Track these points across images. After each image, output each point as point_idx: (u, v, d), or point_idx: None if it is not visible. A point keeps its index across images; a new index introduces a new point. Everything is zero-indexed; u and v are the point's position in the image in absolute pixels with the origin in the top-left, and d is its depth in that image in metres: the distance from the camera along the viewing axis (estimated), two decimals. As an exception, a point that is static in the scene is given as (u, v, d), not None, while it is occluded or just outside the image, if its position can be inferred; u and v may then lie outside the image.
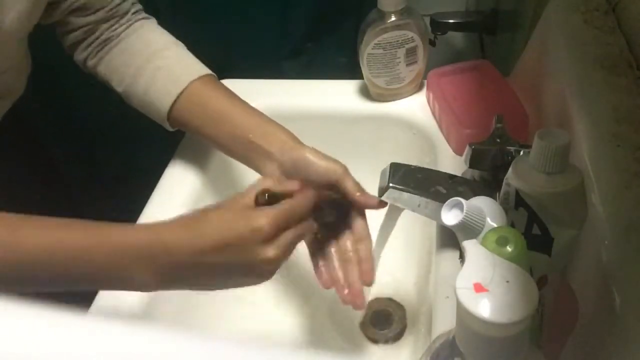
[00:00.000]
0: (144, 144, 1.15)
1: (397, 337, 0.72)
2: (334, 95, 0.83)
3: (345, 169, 0.58)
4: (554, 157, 0.41)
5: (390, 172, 0.57)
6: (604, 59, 0.55)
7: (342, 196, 0.59)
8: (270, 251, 0.49)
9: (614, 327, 0.39)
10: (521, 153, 0.56)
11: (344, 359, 0.53)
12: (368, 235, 0.60)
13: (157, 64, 0.66)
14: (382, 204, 0.59)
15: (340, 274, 0.59)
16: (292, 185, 0.54)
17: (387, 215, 0.60)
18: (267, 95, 0.69)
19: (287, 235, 0.51)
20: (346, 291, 0.57)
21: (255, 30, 1.10)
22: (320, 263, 0.60)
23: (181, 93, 0.65)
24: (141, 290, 0.51)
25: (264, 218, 0.49)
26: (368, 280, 0.58)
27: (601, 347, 0.41)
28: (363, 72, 0.78)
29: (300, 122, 0.69)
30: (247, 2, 1.08)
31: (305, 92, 0.84)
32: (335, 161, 0.59)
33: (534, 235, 0.44)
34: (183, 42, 0.71)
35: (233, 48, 0.71)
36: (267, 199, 0.52)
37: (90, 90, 1.17)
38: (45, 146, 0.94)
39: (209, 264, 0.49)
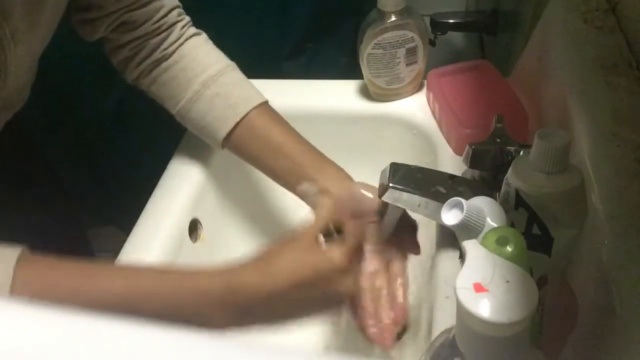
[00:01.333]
0: (144, 144, 1.15)
1: (397, 337, 0.72)
2: (334, 95, 0.83)
3: None
4: (554, 157, 0.40)
5: (390, 172, 0.57)
6: (604, 59, 0.55)
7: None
8: (349, 280, 0.51)
9: (614, 327, 0.39)
10: (521, 153, 0.56)
11: (344, 359, 0.53)
12: (405, 274, 0.60)
13: (214, 91, 0.66)
14: (418, 252, 0.61)
15: (370, 309, 0.57)
16: (345, 217, 0.57)
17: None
18: (267, 95, 0.69)
19: (356, 267, 0.53)
20: (374, 329, 0.57)
21: (255, 31, 1.10)
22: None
23: (239, 122, 0.66)
24: (215, 328, 0.50)
25: (337, 250, 0.51)
26: (399, 318, 0.57)
27: (601, 347, 0.41)
28: (363, 72, 0.78)
29: (300, 122, 0.69)
30: (247, 3, 1.08)
31: (305, 92, 0.84)
32: None
33: (534, 235, 0.44)
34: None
35: (233, 48, 0.71)
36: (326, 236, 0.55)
37: (89, 92, 1.18)
38: (45, 148, 0.94)
39: (285, 301, 0.50)
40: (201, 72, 0.67)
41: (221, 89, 0.67)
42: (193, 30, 0.70)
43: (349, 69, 0.89)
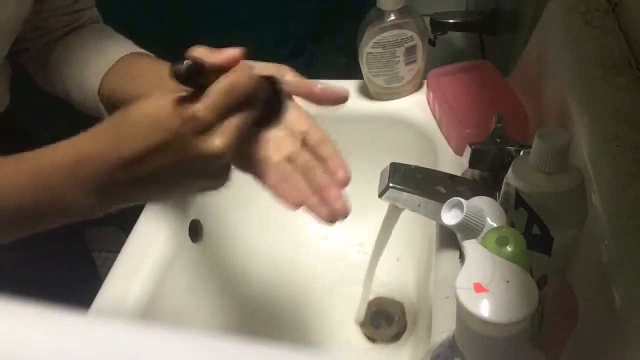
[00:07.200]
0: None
1: (397, 337, 0.72)
2: (334, 95, 0.82)
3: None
4: (554, 157, 0.41)
5: (390, 172, 0.57)
6: (604, 59, 0.55)
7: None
8: (215, 141, 0.41)
9: (614, 327, 0.39)
10: (521, 153, 0.56)
11: (344, 359, 0.53)
12: (324, 134, 0.51)
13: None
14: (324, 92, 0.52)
15: (303, 183, 0.47)
16: (228, 54, 0.45)
17: (387, 215, 0.60)
18: (267, 95, 0.69)
19: (233, 122, 0.42)
20: (316, 199, 0.47)
21: (255, 31, 1.10)
22: (273, 179, 0.49)
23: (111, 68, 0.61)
24: (86, 213, 0.44)
25: (197, 104, 0.40)
26: (343, 176, 0.47)
27: (601, 347, 0.41)
28: (362, 70, 0.78)
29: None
30: (248, 3, 1.08)
31: (305, 92, 0.84)
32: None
33: (534, 235, 0.44)
34: (183, 42, 0.70)
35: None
36: (190, 71, 0.40)
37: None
38: (40, 145, 0.94)
39: (145, 171, 0.42)
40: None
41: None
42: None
43: (348, 69, 0.89)
